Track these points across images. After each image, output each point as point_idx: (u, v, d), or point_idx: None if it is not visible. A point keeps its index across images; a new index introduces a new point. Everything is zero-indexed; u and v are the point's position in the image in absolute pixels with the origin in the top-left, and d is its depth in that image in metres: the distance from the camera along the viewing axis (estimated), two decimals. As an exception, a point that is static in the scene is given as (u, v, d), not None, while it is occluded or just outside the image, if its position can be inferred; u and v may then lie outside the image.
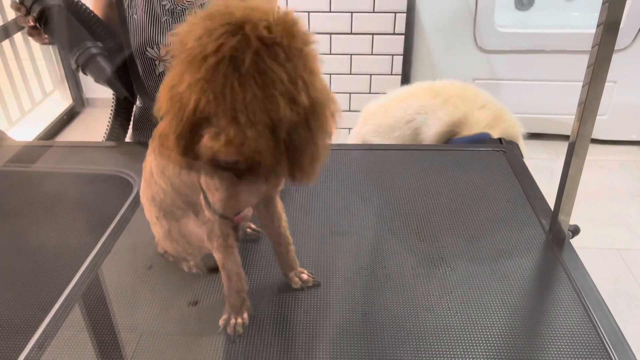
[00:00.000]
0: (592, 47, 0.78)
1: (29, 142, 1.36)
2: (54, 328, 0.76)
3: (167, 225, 0.80)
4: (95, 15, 1.19)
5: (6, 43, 2.70)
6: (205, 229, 0.74)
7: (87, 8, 1.18)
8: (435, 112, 1.57)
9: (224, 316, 0.77)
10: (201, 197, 0.72)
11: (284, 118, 0.55)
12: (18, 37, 2.75)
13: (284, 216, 0.81)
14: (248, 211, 0.87)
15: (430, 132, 1.57)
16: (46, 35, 1.08)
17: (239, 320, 0.76)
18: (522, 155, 1.41)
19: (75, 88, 3.21)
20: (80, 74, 1.12)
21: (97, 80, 1.09)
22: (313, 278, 0.84)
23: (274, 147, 0.56)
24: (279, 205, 0.80)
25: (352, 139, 1.80)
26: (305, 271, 0.84)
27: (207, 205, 0.71)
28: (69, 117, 3.15)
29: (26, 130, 2.85)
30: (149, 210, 0.83)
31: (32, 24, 1.05)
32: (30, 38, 1.10)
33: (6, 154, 1.23)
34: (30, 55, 2.86)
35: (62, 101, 3.18)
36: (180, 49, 0.56)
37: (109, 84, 1.11)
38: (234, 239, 0.75)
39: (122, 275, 0.87)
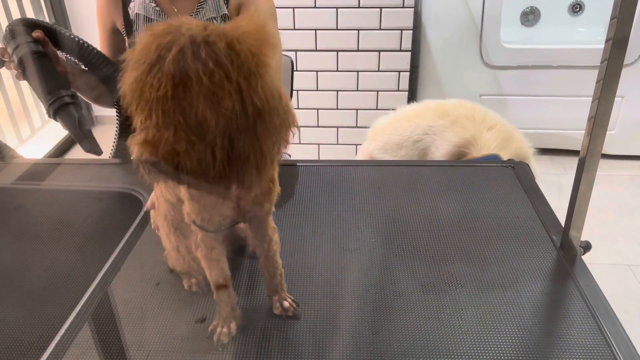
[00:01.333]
0: (601, 62, 0.78)
1: (38, 159, 1.38)
2: (64, 346, 0.75)
3: (176, 241, 0.81)
4: (94, 49, 1.19)
5: (17, 62, 2.73)
6: (194, 239, 0.74)
7: (89, 45, 1.18)
8: (443, 133, 1.57)
9: (214, 322, 0.78)
10: (183, 208, 0.72)
11: (208, 121, 0.53)
12: (29, 56, 2.79)
13: (275, 239, 0.79)
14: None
15: (439, 153, 1.57)
16: None
17: (225, 329, 0.77)
18: (533, 176, 1.40)
19: (85, 106, 3.24)
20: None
21: (67, 129, 1.06)
22: (294, 308, 0.81)
23: (203, 151, 0.54)
24: (270, 227, 0.78)
25: (360, 155, 1.80)
26: (290, 299, 0.82)
27: (187, 216, 0.71)
28: (78, 135, 3.17)
29: (36, 147, 2.88)
30: (162, 226, 0.83)
31: (14, 71, 1.07)
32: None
33: (16, 171, 1.24)
34: (40, 74, 2.89)
35: (71, 119, 3.21)
36: (131, 63, 0.55)
37: (76, 136, 1.06)
38: (221, 252, 0.75)
39: (131, 292, 0.86)
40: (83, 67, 1.18)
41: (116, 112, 1.24)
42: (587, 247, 0.94)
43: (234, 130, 0.55)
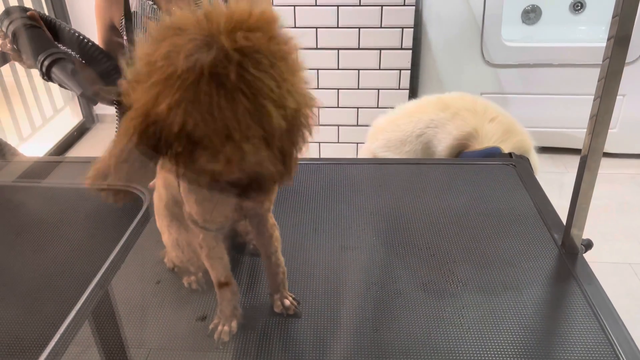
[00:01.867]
0: (603, 61, 0.78)
1: (39, 157, 1.37)
2: (64, 344, 0.75)
3: (176, 234, 0.81)
4: (94, 43, 1.19)
5: (18, 60, 2.73)
6: (196, 238, 0.74)
7: (89, 40, 1.18)
8: (444, 126, 1.56)
9: (215, 321, 0.78)
10: (184, 208, 0.72)
11: (277, 126, 0.52)
12: (30, 54, 2.79)
13: (276, 235, 0.79)
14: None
15: (441, 146, 1.57)
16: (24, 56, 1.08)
17: (226, 327, 0.77)
18: (532, 170, 1.40)
19: (86, 104, 3.24)
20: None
21: (61, 83, 1.05)
22: (295, 307, 0.81)
23: (272, 156, 0.54)
24: (270, 223, 0.78)
25: (362, 154, 1.80)
26: (291, 297, 0.82)
27: (188, 217, 0.71)
28: (79, 133, 3.17)
29: (37, 146, 2.88)
30: (160, 220, 0.83)
31: (9, 46, 1.06)
32: (16, 62, 1.11)
33: (17, 169, 1.24)
34: (41, 73, 2.89)
35: (72, 117, 3.21)
36: (148, 70, 0.51)
37: (73, 85, 1.04)
38: (223, 251, 0.75)
39: (131, 290, 0.86)
40: (82, 62, 1.18)
41: (115, 109, 1.23)
42: (588, 245, 0.94)
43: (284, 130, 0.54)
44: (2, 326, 0.80)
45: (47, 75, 1.04)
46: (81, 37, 1.15)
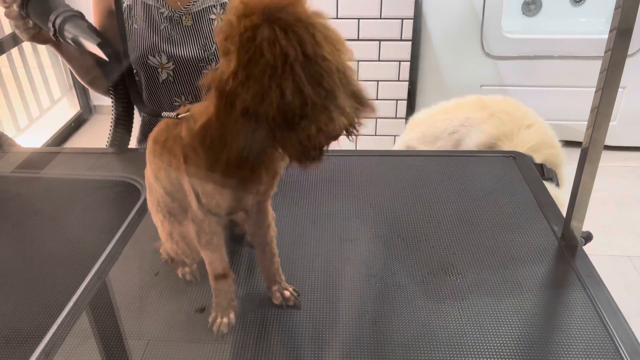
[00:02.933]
0: (605, 53, 0.77)
1: (37, 148, 1.37)
2: (62, 335, 0.75)
3: (170, 227, 0.80)
4: (96, 29, 1.17)
5: (15, 51, 2.72)
6: (195, 227, 0.74)
7: (91, 24, 1.16)
8: (479, 125, 1.57)
9: (212, 314, 0.77)
10: (191, 195, 0.71)
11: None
12: (27, 45, 2.77)
13: (273, 226, 0.79)
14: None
15: (472, 143, 1.57)
16: (31, 23, 1.07)
17: (225, 320, 0.76)
18: (558, 185, 1.39)
19: (83, 95, 3.22)
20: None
21: (75, 39, 1.03)
22: (295, 297, 0.80)
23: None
24: (270, 213, 0.78)
25: (397, 145, 1.81)
26: (291, 288, 0.82)
27: (197, 204, 0.71)
28: (76, 125, 3.16)
29: (34, 137, 2.86)
30: (155, 215, 0.82)
31: (15, 10, 1.04)
32: (17, 31, 1.10)
33: (14, 160, 1.23)
34: (38, 63, 2.88)
35: (69, 108, 3.20)
36: (254, 52, 0.54)
37: (88, 37, 1.04)
38: (222, 239, 0.75)
39: (130, 282, 0.86)
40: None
41: (111, 100, 1.22)
42: (588, 237, 0.93)
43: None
44: (0, 317, 0.80)
45: (60, 34, 1.03)
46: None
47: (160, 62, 1.23)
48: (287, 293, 0.81)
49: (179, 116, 0.70)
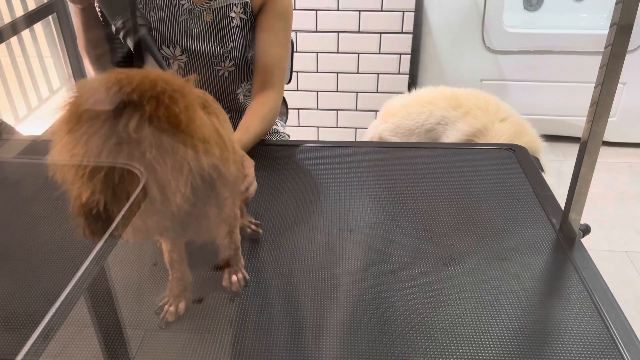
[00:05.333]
0: (605, 48, 0.77)
1: (37, 136, 1.36)
2: (58, 321, 0.75)
3: None
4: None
5: (14, 40, 2.70)
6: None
7: None
8: (455, 124, 1.59)
9: (164, 299, 0.78)
10: None
11: None
12: (26, 34, 2.76)
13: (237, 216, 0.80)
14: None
15: (448, 141, 1.58)
16: None
17: (172, 308, 0.77)
18: (542, 170, 1.41)
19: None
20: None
21: (136, 49, 1.08)
22: (240, 286, 0.81)
23: None
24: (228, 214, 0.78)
25: (369, 132, 1.80)
26: (242, 274, 0.82)
27: None
28: (75, 115, 3.15)
29: (33, 127, 2.86)
30: None
31: None
32: (71, 3, 1.10)
33: (14, 147, 1.23)
34: (37, 53, 2.86)
35: (69, 98, 3.19)
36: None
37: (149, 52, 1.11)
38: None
39: (128, 271, 0.86)
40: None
41: None
42: (586, 230, 0.94)
43: None
44: (-2, 302, 0.80)
45: (124, 36, 1.07)
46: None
47: (174, 54, 1.22)
48: (234, 278, 0.81)
49: None
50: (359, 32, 2.46)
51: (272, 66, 1.21)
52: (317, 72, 2.56)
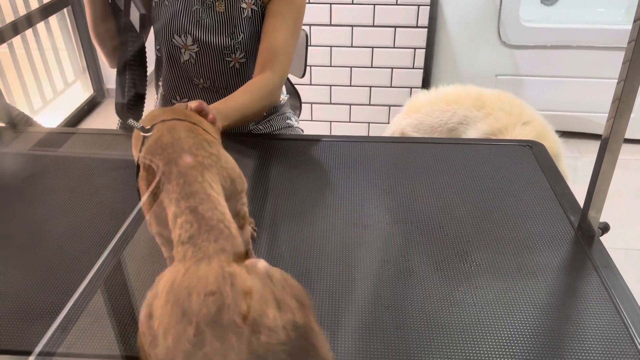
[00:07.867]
0: (629, 43, 0.76)
1: (53, 128, 1.37)
2: (76, 313, 0.76)
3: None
4: None
5: (29, 32, 2.72)
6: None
7: None
8: (476, 123, 1.58)
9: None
10: None
11: None
12: (41, 26, 2.78)
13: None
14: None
15: (465, 137, 1.58)
16: None
17: None
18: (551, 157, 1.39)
19: (97, 79, 3.23)
20: None
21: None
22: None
23: None
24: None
25: (392, 126, 1.80)
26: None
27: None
28: (89, 107, 3.17)
29: (48, 119, 2.88)
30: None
31: None
32: None
33: (32, 139, 1.24)
34: (52, 46, 2.88)
35: (83, 91, 3.21)
36: None
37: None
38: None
39: (142, 263, 0.86)
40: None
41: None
42: (605, 228, 0.92)
43: None
44: (16, 293, 0.81)
45: None
46: None
47: (185, 43, 1.22)
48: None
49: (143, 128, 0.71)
50: (373, 25, 2.45)
51: (276, 49, 1.17)
52: (330, 66, 2.55)
